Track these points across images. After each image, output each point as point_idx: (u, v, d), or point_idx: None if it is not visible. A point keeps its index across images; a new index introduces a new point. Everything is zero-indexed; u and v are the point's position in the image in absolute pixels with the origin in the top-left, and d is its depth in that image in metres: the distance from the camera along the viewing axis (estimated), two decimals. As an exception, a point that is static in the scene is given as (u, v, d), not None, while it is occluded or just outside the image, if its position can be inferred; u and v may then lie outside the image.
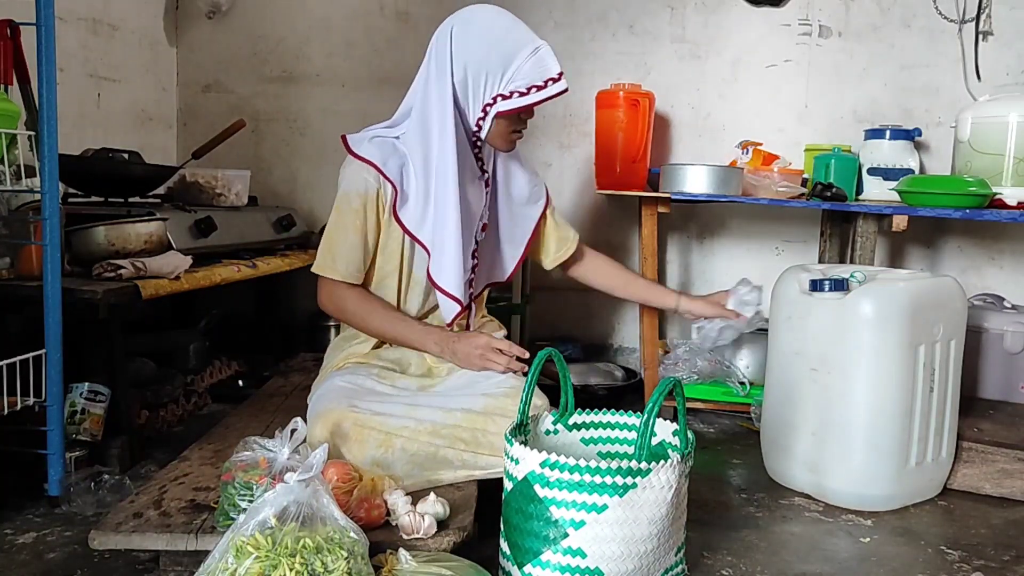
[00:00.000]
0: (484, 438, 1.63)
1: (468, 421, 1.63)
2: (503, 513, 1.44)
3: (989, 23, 2.80)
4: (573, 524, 1.32)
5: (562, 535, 1.33)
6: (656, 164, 2.80)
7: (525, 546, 1.36)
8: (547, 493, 1.33)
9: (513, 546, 1.39)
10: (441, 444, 1.61)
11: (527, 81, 1.69)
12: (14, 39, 1.77)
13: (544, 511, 1.34)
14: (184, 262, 2.10)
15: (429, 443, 1.60)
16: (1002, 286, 2.85)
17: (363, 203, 1.76)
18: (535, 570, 1.35)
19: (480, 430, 1.63)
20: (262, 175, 3.18)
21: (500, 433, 1.59)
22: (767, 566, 1.62)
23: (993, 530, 1.83)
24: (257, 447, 1.39)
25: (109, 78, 2.85)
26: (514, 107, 1.71)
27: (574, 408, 1.67)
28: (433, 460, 1.61)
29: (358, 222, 1.77)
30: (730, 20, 3.00)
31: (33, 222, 1.78)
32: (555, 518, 1.33)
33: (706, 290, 3.11)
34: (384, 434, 1.59)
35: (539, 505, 1.34)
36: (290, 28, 3.22)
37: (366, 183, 1.75)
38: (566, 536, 1.32)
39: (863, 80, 2.93)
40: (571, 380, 1.66)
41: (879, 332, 1.81)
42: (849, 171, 2.64)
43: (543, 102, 1.72)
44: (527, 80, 1.69)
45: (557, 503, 1.33)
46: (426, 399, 1.70)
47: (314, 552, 1.17)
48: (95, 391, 1.93)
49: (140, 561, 1.51)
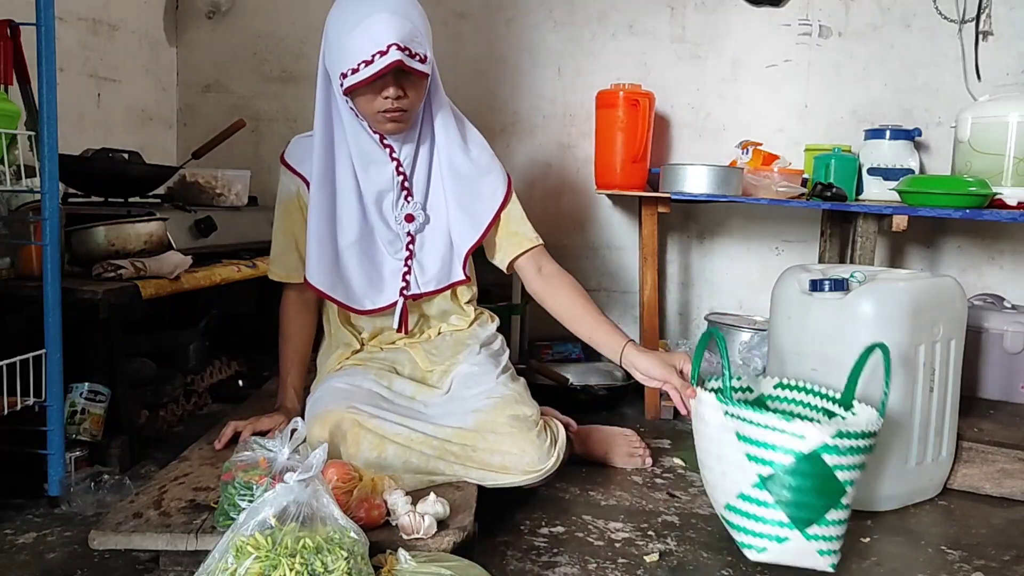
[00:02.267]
0: (474, 453, 1.65)
1: (458, 437, 1.65)
2: (772, 491, 1.51)
3: (989, 23, 2.80)
4: (850, 483, 1.52)
5: (843, 493, 1.52)
6: (656, 164, 2.80)
7: (807, 510, 1.51)
8: (836, 460, 1.49)
9: (792, 513, 1.51)
10: (432, 455, 1.63)
11: (357, 57, 1.59)
12: (14, 39, 1.76)
13: (831, 477, 1.50)
14: (184, 262, 2.09)
15: (421, 452, 1.62)
16: (1002, 286, 2.85)
17: (286, 205, 1.86)
18: (820, 528, 1.52)
19: (470, 446, 1.65)
20: (262, 175, 3.18)
21: (488, 449, 1.64)
22: (767, 565, 1.62)
23: (993, 530, 1.83)
24: (257, 447, 1.39)
25: (109, 78, 2.85)
26: (350, 85, 1.62)
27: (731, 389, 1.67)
28: (425, 468, 1.62)
29: (286, 223, 1.87)
30: (730, 20, 3.00)
31: (33, 222, 1.78)
32: (841, 480, 1.51)
33: (706, 290, 3.12)
34: (379, 437, 1.60)
35: (826, 472, 1.50)
36: (290, 28, 3.22)
37: (287, 185, 1.86)
38: (845, 493, 1.52)
39: (863, 80, 2.93)
40: (728, 360, 1.63)
41: (879, 332, 1.81)
42: (849, 171, 2.64)
43: (374, 77, 1.60)
44: (358, 56, 1.59)
45: (843, 468, 1.50)
46: (421, 415, 1.71)
47: (314, 552, 1.17)
48: (95, 391, 1.93)
49: (140, 561, 1.51)
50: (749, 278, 3.07)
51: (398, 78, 1.63)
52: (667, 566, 1.59)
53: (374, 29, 1.57)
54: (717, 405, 1.59)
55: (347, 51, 1.61)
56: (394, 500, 1.45)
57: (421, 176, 1.82)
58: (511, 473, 1.66)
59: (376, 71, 1.58)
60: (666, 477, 2.08)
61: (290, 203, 1.86)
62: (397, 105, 1.65)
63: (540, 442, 1.68)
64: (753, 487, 1.53)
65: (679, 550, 1.66)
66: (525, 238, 1.88)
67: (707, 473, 1.66)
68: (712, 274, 3.12)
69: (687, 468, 2.14)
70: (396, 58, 1.57)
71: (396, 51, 1.57)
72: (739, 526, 1.57)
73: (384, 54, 1.57)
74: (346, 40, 1.61)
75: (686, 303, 3.15)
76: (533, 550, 1.63)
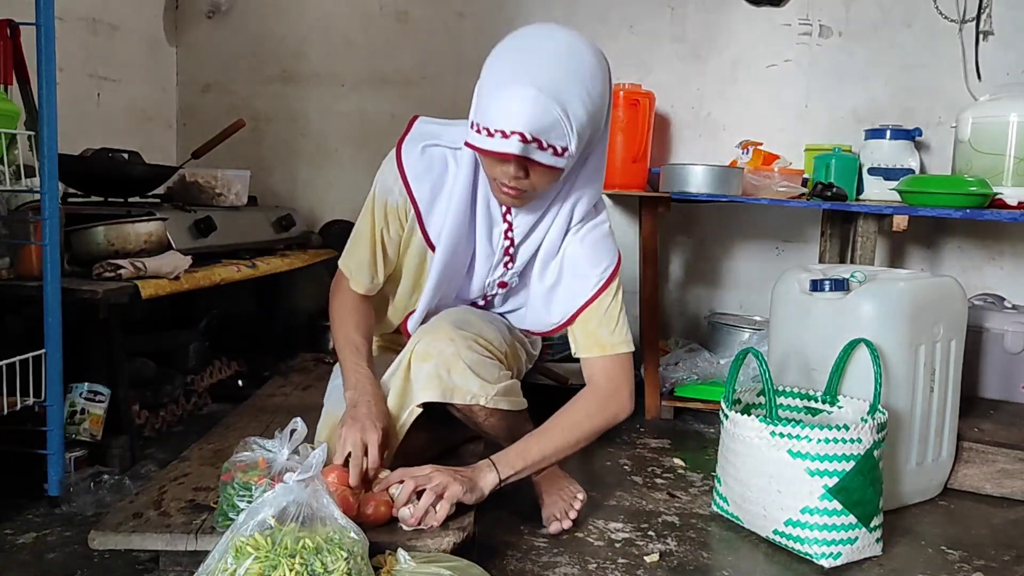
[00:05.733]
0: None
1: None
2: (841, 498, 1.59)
3: (989, 23, 2.80)
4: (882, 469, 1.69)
5: (882, 479, 1.67)
6: (656, 164, 2.79)
7: (868, 506, 1.62)
8: (879, 452, 1.65)
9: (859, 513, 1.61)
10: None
11: (486, 120, 1.37)
12: (14, 39, 1.77)
13: (877, 467, 1.65)
14: (184, 262, 2.09)
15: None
16: (1002, 286, 2.84)
17: (387, 212, 1.62)
18: (877, 518, 1.65)
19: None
20: (262, 175, 3.18)
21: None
22: (766, 565, 1.62)
23: (994, 530, 1.83)
24: (256, 447, 1.39)
25: (109, 78, 2.85)
26: (469, 143, 1.43)
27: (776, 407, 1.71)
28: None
29: (378, 229, 1.64)
30: (730, 20, 2.99)
31: (33, 222, 1.78)
32: (880, 468, 1.66)
33: (706, 290, 3.12)
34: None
35: (875, 464, 1.64)
36: (290, 28, 3.22)
37: (392, 190, 1.61)
38: (882, 479, 1.68)
39: (863, 80, 2.93)
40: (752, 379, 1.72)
41: (879, 332, 1.81)
42: (849, 171, 2.64)
43: (484, 152, 1.41)
44: (486, 119, 1.37)
45: (880, 458, 1.66)
46: None
47: (314, 553, 1.17)
48: (95, 391, 1.93)
49: (140, 561, 1.51)
50: (749, 278, 3.07)
51: (523, 161, 1.41)
52: (667, 566, 1.59)
53: (512, 105, 1.34)
54: (761, 426, 1.64)
55: (482, 108, 1.39)
56: (396, 493, 1.44)
57: (528, 248, 1.64)
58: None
59: (491, 150, 1.38)
60: (666, 477, 2.08)
61: (391, 211, 1.63)
62: (515, 184, 1.45)
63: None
64: (820, 499, 1.59)
65: (679, 550, 1.66)
66: (598, 344, 1.64)
67: (754, 494, 1.68)
68: (712, 274, 3.12)
69: (687, 468, 2.14)
70: (514, 151, 1.35)
71: (518, 142, 1.34)
72: (806, 539, 1.61)
73: (506, 137, 1.35)
74: (486, 97, 1.39)
75: (686, 303, 3.15)
76: (533, 550, 1.62)
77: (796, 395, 1.88)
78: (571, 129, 1.38)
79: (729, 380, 1.80)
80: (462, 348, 1.56)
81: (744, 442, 1.68)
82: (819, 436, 1.58)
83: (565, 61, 1.39)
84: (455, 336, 1.57)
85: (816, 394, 1.85)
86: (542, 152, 1.37)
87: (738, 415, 1.70)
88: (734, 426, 1.71)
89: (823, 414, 1.84)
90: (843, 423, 1.63)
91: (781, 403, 1.86)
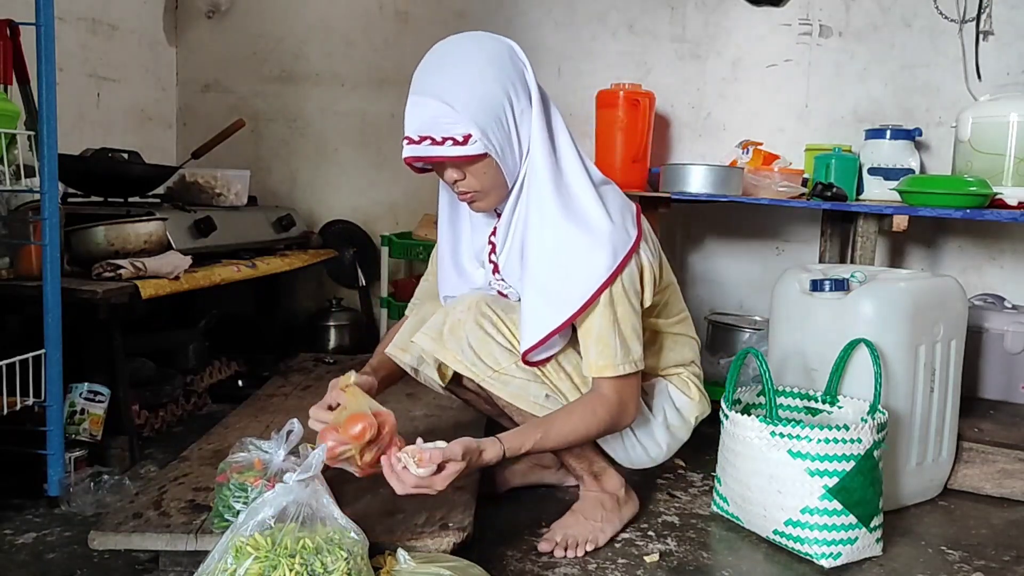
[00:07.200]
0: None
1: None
2: (841, 498, 1.59)
3: (990, 23, 2.80)
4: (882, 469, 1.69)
5: (881, 479, 1.67)
6: (656, 164, 2.79)
7: (868, 506, 1.62)
8: (879, 452, 1.65)
9: (859, 513, 1.60)
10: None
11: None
12: (14, 39, 1.76)
13: (877, 467, 1.65)
14: (184, 262, 2.09)
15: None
16: (1003, 286, 2.84)
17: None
18: (877, 518, 1.65)
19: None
20: (262, 175, 3.18)
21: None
22: (766, 565, 1.62)
23: (993, 530, 1.83)
24: (252, 448, 1.39)
25: (109, 78, 2.86)
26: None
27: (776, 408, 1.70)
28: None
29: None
30: (730, 20, 2.99)
31: (33, 222, 1.78)
32: (880, 468, 1.66)
33: (706, 290, 3.12)
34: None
35: (875, 464, 1.64)
36: (289, 28, 3.22)
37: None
38: (882, 479, 1.67)
39: (863, 80, 2.92)
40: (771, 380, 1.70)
41: (879, 332, 1.81)
42: (849, 171, 2.64)
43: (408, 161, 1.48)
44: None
45: (880, 458, 1.66)
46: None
47: (314, 553, 1.17)
48: (95, 391, 1.93)
49: (140, 561, 1.51)
50: (749, 278, 3.06)
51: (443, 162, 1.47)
52: (667, 566, 1.59)
53: (406, 117, 1.45)
54: (761, 427, 1.63)
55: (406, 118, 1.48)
56: (403, 457, 1.39)
57: (511, 255, 1.59)
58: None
59: (404, 159, 1.47)
60: (666, 477, 2.08)
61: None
62: (460, 188, 1.50)
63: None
64: (820, 499, 1.58)
65: (679, 550, 1.66)
66: (591, 366, 1.53)
67: (754, 494, 1.68)
68: (712, 274, 3.12)
69: (687, 468, 2.14)
70: (409, 154, 1.44)
71: (408, 146, 1.43)
72: (807, 539, 1.61)
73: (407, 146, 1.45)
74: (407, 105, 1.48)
75: (686, 303, 3.14)
76: (533, 550, 1.62)
77: (796, 395, 1.88)
78: (459, 115, 1.41)
79: (729, 380, 1.80)
80: (469, 320, 1.55)
81: (744, 442, 1.68)
82: (819, 436, 1.58)
83: (450, 59, 1.46)
84: (473, 307, 1.56)
85: (816, 394, 1.85)
86: (440, 147, 1.42)
87: (738, 415, 1.70)
88: (734, 426, 1.71)
89: (823, 414, 1.84)
90: (843, 423, 1.63)
91: (781, 403, 1.86)
